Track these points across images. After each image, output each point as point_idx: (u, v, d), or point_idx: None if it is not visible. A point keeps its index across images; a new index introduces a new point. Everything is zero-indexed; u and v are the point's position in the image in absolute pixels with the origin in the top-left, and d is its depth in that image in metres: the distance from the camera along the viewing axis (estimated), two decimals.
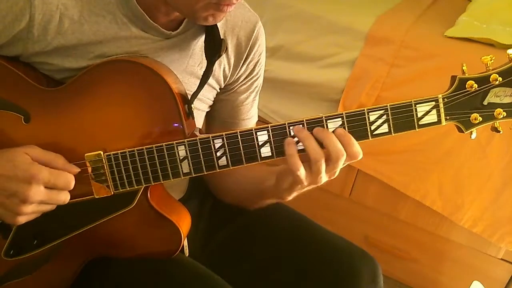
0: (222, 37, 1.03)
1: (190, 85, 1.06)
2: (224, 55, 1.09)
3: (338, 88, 1.93)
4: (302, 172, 0.91)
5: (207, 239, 1.26)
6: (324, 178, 0.93)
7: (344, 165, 0.94)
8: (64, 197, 0.92)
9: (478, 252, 1.98)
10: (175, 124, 0.94)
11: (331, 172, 0.93)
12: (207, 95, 1.14)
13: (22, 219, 0.90)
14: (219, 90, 1.16)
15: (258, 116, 1.74)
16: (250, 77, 1.18)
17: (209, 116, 1.21)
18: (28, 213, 0.90)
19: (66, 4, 0.92)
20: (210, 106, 1.18)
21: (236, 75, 1.15)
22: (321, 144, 0.90)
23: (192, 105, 0.99)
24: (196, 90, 1.03)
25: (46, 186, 0.89)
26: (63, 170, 0.92)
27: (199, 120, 1.15)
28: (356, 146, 0.91)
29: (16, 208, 0.88)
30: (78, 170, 0.94)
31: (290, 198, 1.02)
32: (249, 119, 1.23)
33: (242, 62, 1.14)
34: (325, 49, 1.95)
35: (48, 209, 0.92)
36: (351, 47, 1.91)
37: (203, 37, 1.05)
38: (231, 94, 1.18)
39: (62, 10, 0.92)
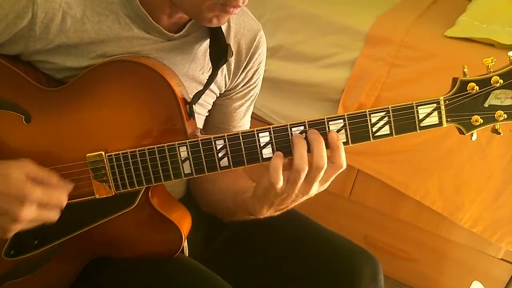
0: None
1: (190, 89, 1.06)
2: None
3: (338, 88, 1.94)
4: (279, 185, 0.90)
5: (207, 239, 1.26)
6: (298, 194, 0.93)
7: (324, 185, 0.94)
8: (54, 215, 0.91)
9: (478, 252, 1.98)
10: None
11: (308, 185, 0.92)
12: (208, 100, 1.14)
13: (10, 235, 0.90)
14: (218, 95, 1.16)
15: (258, 116, 1.73)
16: (248, 85, 1.18)
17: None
18: (16, 230, 0.89)
19: (69, 3, 0.93)
20: (208, 111, 1.18)
21: (235, 82, 1.16)
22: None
23: (194, 106, 0.99)
24: (199, 92, 1.03)
25: (38, 206, 0.88)
26: (57, 187, 0.91)
27: (199, 124, 1.16)
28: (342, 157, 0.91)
29: (6, 225, 0.87)
30: (72, 186, 0.94)
31: (262, 214, 1.00)
32: (241, 127, 1.23)
33: (242, 69, 1.14)
34: (325, 49, 1.95)
35: (36, 225, 0.91)
36: (351, 47, 1.91)
37: (206, 42, 1.05)
38: (226, 100, 1.19)
39: (65, 8, 0.92)
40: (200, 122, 1.16)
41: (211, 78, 1.04)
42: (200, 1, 0.89)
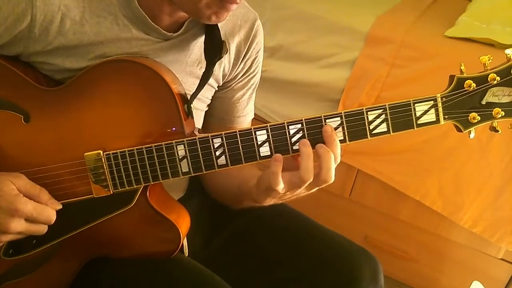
0: (223, 38, 1.03)
1: (189, 85, 1.06)
2: (225, 55, 1.10)
3: (338, 88, 1.94)
4: (280, 188, 0.90)
5: (207, 239, 1.26)
6: (301, 192, 0.94)
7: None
8: (42, 229, 0.93)
9: (478, 252, 1.98)
10: (173, 129, 0.95)
11: (310, 188, 0.93)
12: (206, 95, 1.14)
13: None
14: (217, 88, 1.16)
15: (258, 116, 1.73)
16: (247, 74, 1.18)
17: (206, 113, 1.21)
18: (4, 241, 0.93)
19: (68, 5, 0.93)
20: (208, 105, 1.18)
21: (234, 73, 1.16)
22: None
23: (192, 105, 0.99)
24: (196, 90, 1.03)
25: (27, 220, 0.90)
26: (47, 205, 0.93)
27: (199, 120, 1.15)
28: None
29: None
30: (60, 207, 0.95)
31: (266, 203, 1.00)
32: (245, 116, 1.24)
33: (241, 59, 1.15)
34: (325, 49, 1.95)
35: (22, 237, 0.93)
36: (351, 47, 1.91)
37: (202, 38, 1.05)
38: (228, 91, 1.19)
39: (63, 10, 0.93)
40: (199, 117, 1.16)
41: (206, 75, 1.04)
42: None
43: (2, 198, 0.87)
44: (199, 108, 1.14)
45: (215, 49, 1.02)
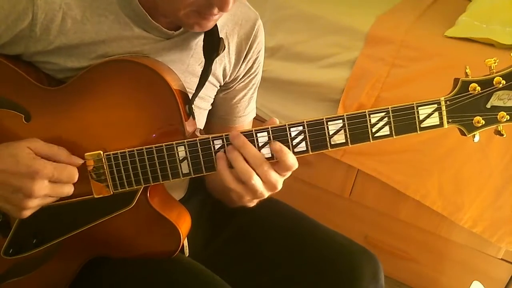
0: (223, 36, 1.03)
1: (191, 85, 1.06)
2: (225, 54, 1.10)
3: (338, 88, 1.94)
4: (231, 184, 0.91)
5: (207, 239, 1.25)
6: (265, 192, 0.93)
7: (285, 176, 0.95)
8: (68, 190, 0.92)
9: (478, 252, 1.98)
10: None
11: (270, 184, 0.92)
12: (209, 93, 1.14)
13: (27, 213, 0.91)
14: (219, 87, 1.16)
15: (258, 115, 1.74)
16: (248, 74, 1.18)
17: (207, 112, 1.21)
18: (33, 207, 0.90)
19: (69, 4, 0.93)
20: (211, 104, 1.18)
21: (236, 74, 1.16)
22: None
23: (194, 105, 0.98)
24: (196, 90, 1.03)
25: (50, 180, 0.89)
26: (67, 163, 0.92)
27: (202, 119, 1.15)
28: (290, 159, 0.91)
29: (21, 203, 0.88)
30: (82, 161, 0.94)
31: (252, 204, 1.01)
32: (246, 116, 1.24)
33: (242, 60, 1.14)
34: (325, 49, 1.95)
35: (52, 200, 0.92)
36: (351, 47, 1.91)
37: (202, 36, 1.05)
38: (230, 92, 1.19)
39: (65, 9, 0.93)
40: (202, 116, 1.16)
41: (204, 74, 1.04)
42: (176, 9, 0.90)
43: (20, 163, 0.87)
44: (202, 107, 1.13)
45: (213, 46, 1.03)
